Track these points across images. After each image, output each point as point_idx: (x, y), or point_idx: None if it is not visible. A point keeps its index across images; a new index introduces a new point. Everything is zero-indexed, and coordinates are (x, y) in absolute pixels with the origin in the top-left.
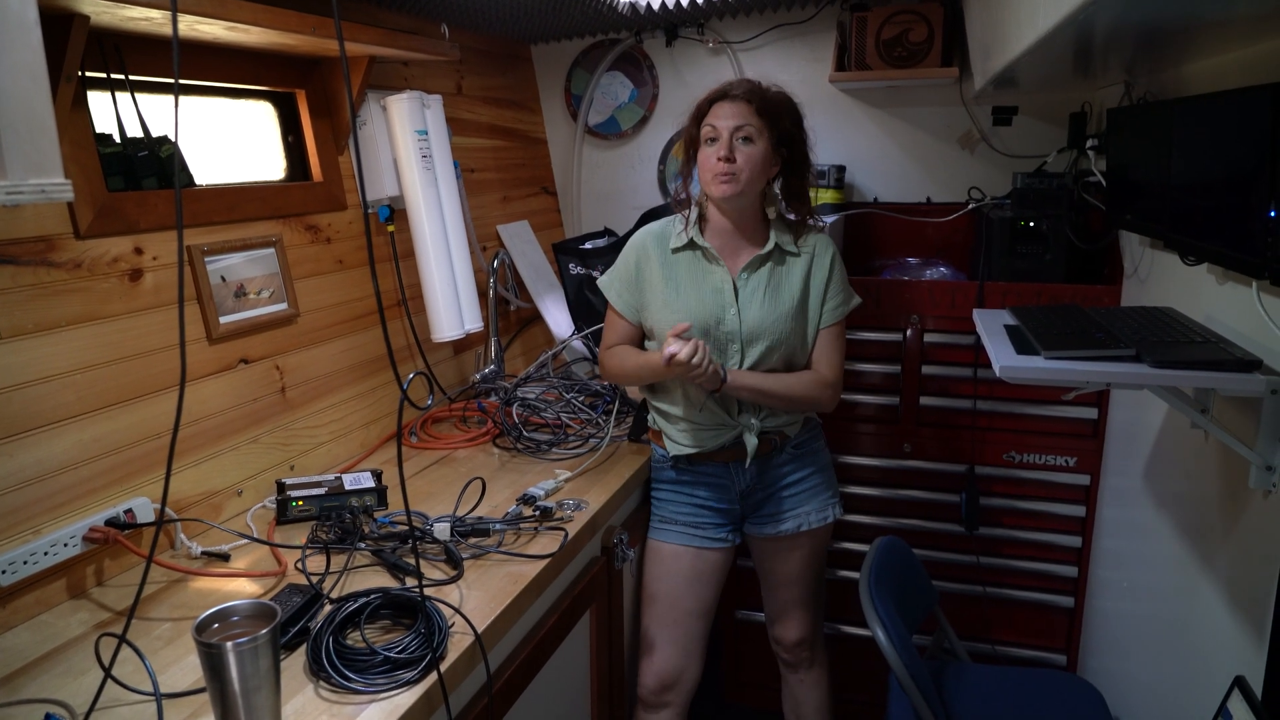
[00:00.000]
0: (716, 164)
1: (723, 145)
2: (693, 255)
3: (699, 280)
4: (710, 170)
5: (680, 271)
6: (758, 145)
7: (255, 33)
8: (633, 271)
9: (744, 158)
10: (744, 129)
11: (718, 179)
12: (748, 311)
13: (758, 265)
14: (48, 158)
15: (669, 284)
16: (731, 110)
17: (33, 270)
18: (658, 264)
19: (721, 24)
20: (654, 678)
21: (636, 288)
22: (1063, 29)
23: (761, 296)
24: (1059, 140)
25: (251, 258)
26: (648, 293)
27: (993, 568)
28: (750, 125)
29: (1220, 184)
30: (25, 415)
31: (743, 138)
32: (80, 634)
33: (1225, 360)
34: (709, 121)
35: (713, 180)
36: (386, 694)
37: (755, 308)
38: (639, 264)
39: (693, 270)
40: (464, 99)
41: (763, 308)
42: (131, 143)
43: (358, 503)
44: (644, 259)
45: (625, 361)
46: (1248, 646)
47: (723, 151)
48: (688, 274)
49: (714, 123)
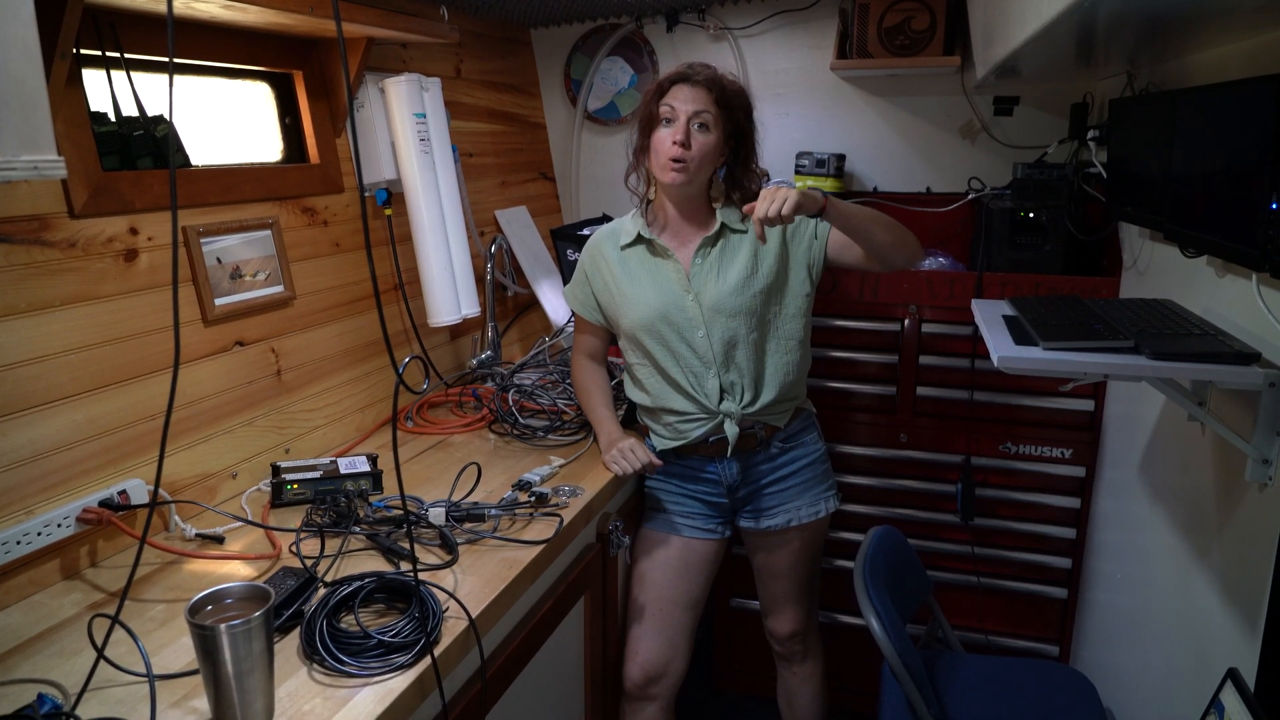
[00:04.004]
0: (671, 147)
1: (679, 129)
2: (642, 249)
3: (653, 271)
4: (664, 154)
5: (634, 266)
6: (712, 134)
7: (252, 12)
8: (586, 274)
9: (697, 146)
10: (701, 115)
11: (669, 166)
12: (704, 293)
13: (708, 247)
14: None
15: (627, 279)
16: (691, 94)
17: (26, 249)
18: (613, 261)
19: (723, 10)
20: (639, 670)
21: (592, 289)
22: (1065, 18)
23: (715, 276)
24: (1060, 131)
25: (247, 239)
26: (606, 292)
27: (987, 558)
28: (708, 113)
29: (1221, 176)
30: (18, 395)
31: (699, 124)
32: (73, 614)
33: (1223, 353)
34: (668, 101)
35: (664, 167)
36: (380, 677)
37: (711, 288)
38: (593, 265)
39: (645, 263)
40: (463, 82)
41: (717, 285)
42: (127, 122)
43: (353, 487)
44: (598, 259)
45: (585, 395)
46: (1241, 638)
47: (679, 136)
48: (641, 267)
49: (673, 103)
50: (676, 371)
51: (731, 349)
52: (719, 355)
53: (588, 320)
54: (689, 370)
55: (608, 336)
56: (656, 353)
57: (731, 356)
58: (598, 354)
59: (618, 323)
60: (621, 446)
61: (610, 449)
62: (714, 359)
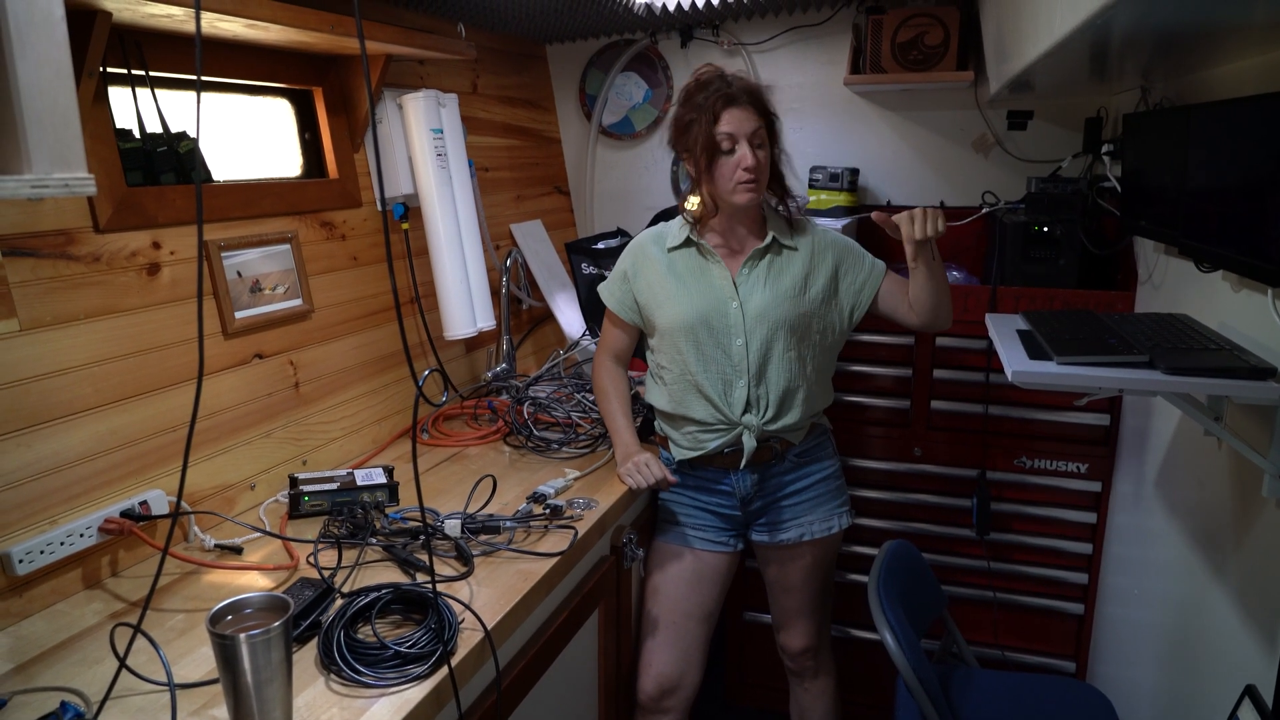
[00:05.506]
0: (741, 174)
1: (747, 155)
2: (690, 252)
3: (699, 274)
4: (734, 180)
5: (680, 267)
6: (767, 149)
7: (274, 30)
8: (627, 272)
9: (762, 162)
10: (757, 134)
11: (742, 188)
12: (750, 302)
13: (758, 259)
14: (71, 151)
15: (671, 279)
16: (743, 116)
17: (52, 263)
18: (658, 262)
19: (737, 25)
20: (653, 683)
21: (632, 287)
22: (1079, 33)
23: (763, 285)
24: (1074, 145)
25: (267, 254)
26: (648, 291)
27: (1002, 573)
28: (761, 130)
29: (1237, 190)
30: (43, 407)
31: (758, 143)
32: (95, 624)
33: (1239, 368)
34: (724, 130)
35: (736, 189)
36: (396, 688)
37: (757, 296)
38: (635, 264)
39: (691, 265)
40: (479, 98)
41: (765, 293)
42: (151, 138)
43: (369, 498)
44: (642, 259)
45: (604, 398)
46: (1259, 655)
47: (749, 161)
48: (687, 269)
49: (730, 131)
50: (705, 377)
51: (766, 363)
52: (754, 366)
53: (621, 318)
54: (720, 377)
55: (636, 337)
56: (690, 356)
57: (765, 370)
58: (623, 355)
59: (654, 322)
60: (637, 460)
61: (625, 461)
62: (748, 369)
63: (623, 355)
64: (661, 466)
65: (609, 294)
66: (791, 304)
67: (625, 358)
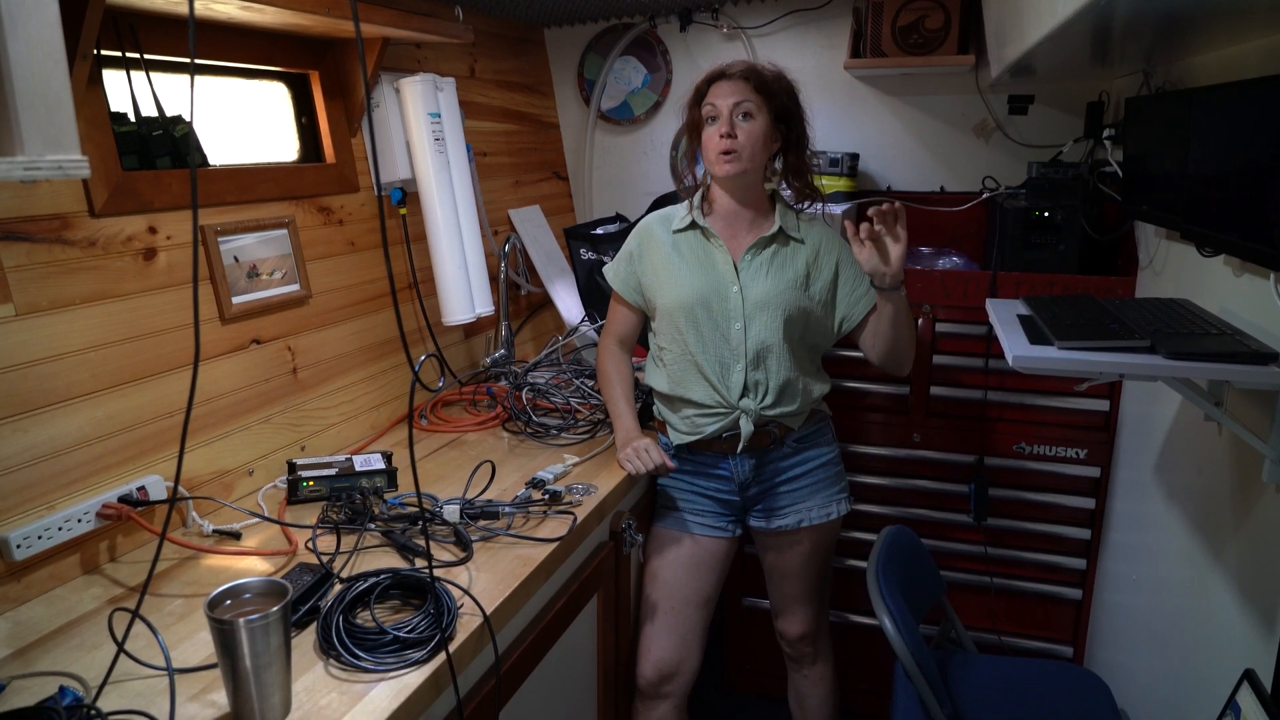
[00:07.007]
0: (719, 141)
1: (724, 122)
2: (695, 234)
3: (702, 257)
4: (714, 149)
5: (685, 249)
6: (757, 121)
7: (270, 12)
8: (632, 253)
9: (744, 134)
10: (743, 104)
11: (721, 158)
12: (751, 288)
13: (763, 246)
14: (65, 134)
15: (675, 260)
16: (730, 88)
17: (47, 248)
18: (664, 243)
19: (736, 9)
20: (652, 668)
21: (637, 268)
22: (1081, 16)
23: (765, 272)
24: (1075, 130)
25: (264, 238)
26: (652, 273)
27: (1001, 559)
28: (749, 101)
29: (1239, 174)
30: (39, 392)
31: (743, 114)
32: (93, 609)
33: (1241, 352)
34: (709, 101)
35: (716, 160)
36: (395, 673)
37: (759, 282)
38: (641, 245)
39: (695, 248)
40: (477, 82)
41: (767, 280)
42: (146, 122)
43: (368, 484)
44: (647, 240)
45: (606, 382)
46: (1257, 640)
47: (724, 129)
48: (691, 250)
49: (714, 101)
50: (704, 358)
51: (765, 351)
52: (751, 351)
53: (626, 300)
54: (717, 359)
55: (641, 320)
56: (689, 337)
57: (763, 357)
58: (628, 339)
59: (655, 302)
60: (636, 446)
61: (625, 447)
62: (745, 353)
63: (628, 339)
64: (661, 452)
65: (614, 275)
66: (792, 295)
67: (630, 342)
